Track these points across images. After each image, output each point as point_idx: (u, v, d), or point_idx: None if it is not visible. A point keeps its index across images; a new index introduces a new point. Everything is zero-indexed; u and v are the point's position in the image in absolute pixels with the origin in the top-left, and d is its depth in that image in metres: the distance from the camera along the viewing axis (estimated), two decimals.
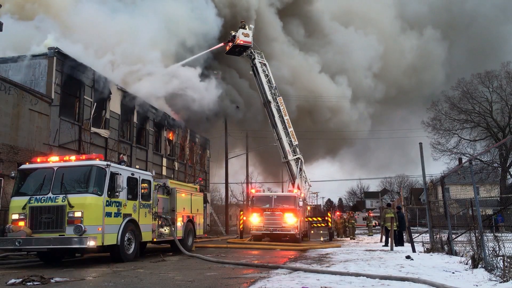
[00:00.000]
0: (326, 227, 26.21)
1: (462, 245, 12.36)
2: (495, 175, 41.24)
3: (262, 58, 26.31)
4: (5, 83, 16.30)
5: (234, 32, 26.02)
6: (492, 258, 8.37)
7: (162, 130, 30.10)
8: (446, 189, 13.89)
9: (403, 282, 7.46)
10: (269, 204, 21.08)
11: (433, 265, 10.01)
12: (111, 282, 7.89)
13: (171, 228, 14.19)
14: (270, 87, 25.80)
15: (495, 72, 41.38)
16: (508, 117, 41.60)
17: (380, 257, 12.83)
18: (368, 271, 8.83)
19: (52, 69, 18.76)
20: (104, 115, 22.80)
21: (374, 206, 78.81)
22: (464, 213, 19.02)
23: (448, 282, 7.12)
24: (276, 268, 9.77)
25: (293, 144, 25.73)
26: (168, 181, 15.32)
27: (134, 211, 12.13)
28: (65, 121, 19.39)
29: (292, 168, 25.59)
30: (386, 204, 24.80)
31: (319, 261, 11.97)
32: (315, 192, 39.25)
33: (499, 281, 7.17)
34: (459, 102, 42.30)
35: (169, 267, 10.60)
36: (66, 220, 10.47)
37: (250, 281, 7.79)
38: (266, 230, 20.59)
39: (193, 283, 7.79)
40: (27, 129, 17.09)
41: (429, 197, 15.62)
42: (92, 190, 10.80)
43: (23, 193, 11.19)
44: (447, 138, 43.94)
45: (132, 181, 12.23)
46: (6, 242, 10.65)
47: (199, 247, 17.40)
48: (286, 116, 25.87)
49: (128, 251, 11.67)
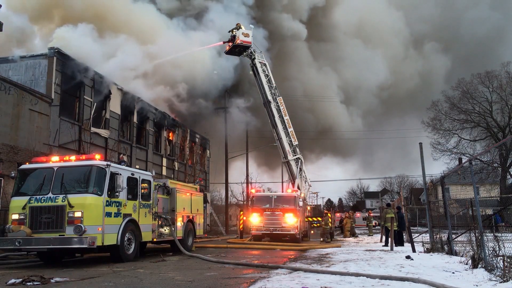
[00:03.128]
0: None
1: (462, 245, 12.36)
2: (495, 175, 41.18)
3: (262, 58, 26.20)
4: (5, 83, 16.30)
5: (234, 32, 25.91)
6: (492, 258, 8.37)
7: (162, 130, 30.11)
8: (446, 189, 13.91)
9: (403, 282, 7.46)
10: (269, 204, 21.06)
11: (433, 265, 10.02)
12: (111, 282, 7.89)
13: (171, 228, 14.19)
14: (270, 87, 25.72)
15: (495, 72, 41.32)
16: (508, 117, 41.54)
17: (380, 257, 12.83)
18: (368, 271, 8.83)
19: (52, 69, 18.78)
20: (104, 115, 22.81)
21: (374, 206, 78.83)
22: (464, 213, 19.01)
23: (448, 282, 7.12)
24: (276, 268, 9.77)
25: (293, 144, 25.68)
26: (168, 181, 15.32)
27: (134, 211, 12.13)
28: (65, 121, 19.40)
29: (292, 168, 25.55)
30: (386, 204, 24.77)
31: (319, 261, 11.97)
32: (315, 192, 39.35)
33: (499, 281, 7.17)
34: (459, 102, 42.23)
35: (169, 267, 10.60)
36: (66, 220, 10.47)
37: (250, 281, 7.79)
38: (266, 230, 20.58)
39: (193, 283, 7.79)
40: (27, 129, 17.09)
41: (429, 197, 15.61)
42: (92, 190, 10.80)
43: (23, 193, 11.19)
44: (447, 138, 43.91)
45: (132, 181, 12.23)
46: (6, 242, 10.64)
47: (199, 247, 17.40)
48: (286, 116, 25.80)
49: (128, 251, 11.67)
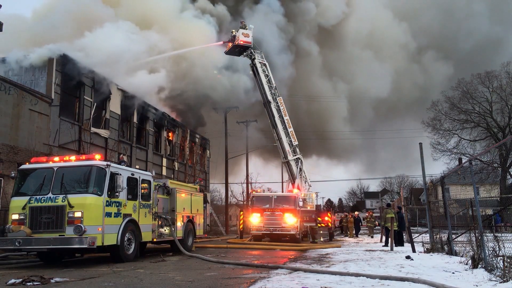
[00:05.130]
0: (326, 227, 26.31)
1: (462, 245, 12.36)
2: (495, 175, 41.21)
3: (262, 58, 26.17)
4: (5, 83, 16.29)
5: (234, 32, 25.88)
6: (492, 258, 8.38)
7: (162, 130, 30.10)
8: (446, 189, 13.88)
9: (403, 282, 7.46)
10: (269, 204, 21.04)
11: (433, 265, 10.02)
12: (111, 282, 7.89)
13: (171, 228, 14.18)
14: (270, 87, 25.70)
15: (495, 72, 41.34)
16: (508, 117, 41.55)
17: (380, 257, 12.83)
18: (368, 271, 8.83)
19: (52, 69, 18.76)
20: (104, 115, 22.80)
21: (374, 206, 78.73)
22: (464, 213, 18.98)
23: (448, 282, 7.13)
24: (276, 268, 9.78)
25: (293, 144, 25.67)
26: (168, 181, 15.32)
27: (134, 211, 12.13)
28: (65, 121, 19.38)
29: (292, 168, 25.54)
30: (386, 204, 24.76)
31: (319, 261, 11.97)
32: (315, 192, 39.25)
33: (499, 281, 7.17)
34: (459, 102, 42.25)
35: (169, 267, 10.60)
36: (66, 220, 10.47)
37: (250, 281, 7.79)
38: (266, 230, 20.56)
39: (193, 283, 7.79)
40: (27, 129, 17.09)
41: (429, 197, 15.60)
42: (92, 190, 10.80)
43: (23, 193, 11.19)
44: (447, 138, 43.94)
45: (132, 181, 12.22)
46: (6, 242, 10.64)
47: (199, 247, 17.40)
48: (286, 116, 25.79)
49: (128, 251, 11.67)
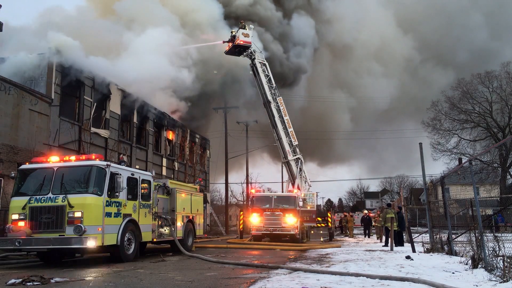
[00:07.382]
0: (326, 227, 26.30)
1: (462, 245, 12.35)
2: (495, 175, 41.20)
3: (262, 58, 26.17)
4: (5, 83, 16.29)
5: (234, 32, 25.85)
6: (492, 258, 8.37)
7: (162, 130, 30.08)
8: (446, 189, 13.88)
9: (403, 282, 7.46)
10: (269, 204, 21.04)
11: (433, 265, 10.02)
12: (111, 282, 7.89)
13: (171, 228, 14.19)
14: (270, 87, 25.67)
15: (495, 72, 41.36)
16: (508, 117, 41.55)
17: (380, 257, 12.83)
18: (368, 271, 8.83)
19: (52, 69, 18.75)
20: (104, 115, 22.79)
21: (374, 206, 78.74)
22: (464, 213, 18.96)
23: (448, 282, 7.12)
24: (276, 268, 9.77)
25: (293, 144, 25.66)
26: (168, 181, 15.33)
27: (134, 211, 12.13)
28: (65, 121, 19.38)
29: (292, 168, 25.53)
30: (386, 204, 24.79)
31: (319, 261, 11.97)
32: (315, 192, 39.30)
33: (499, 281, 7.17)
34: (459, 102, 42.26)
35: (169, 267, 10.60)
36: (66, 220, 10.48)
37: (250, 281, 7.79)
38: (266, 230, 20.56)
39: (193, 283, 7.79)
40: (27, 129, 17.08)
41: (429, 197, 15.61)
42: (92, 190, 10.80)
43: (23, 193, 11.19)
44: (447, 138, 43.95)
45: (132, 181, 12.22)
46: (6, 242, 10.65)
47: (199, 247, 17.40)
48: (286, 117, 25.77)
49: (128, 251, 11.67)
